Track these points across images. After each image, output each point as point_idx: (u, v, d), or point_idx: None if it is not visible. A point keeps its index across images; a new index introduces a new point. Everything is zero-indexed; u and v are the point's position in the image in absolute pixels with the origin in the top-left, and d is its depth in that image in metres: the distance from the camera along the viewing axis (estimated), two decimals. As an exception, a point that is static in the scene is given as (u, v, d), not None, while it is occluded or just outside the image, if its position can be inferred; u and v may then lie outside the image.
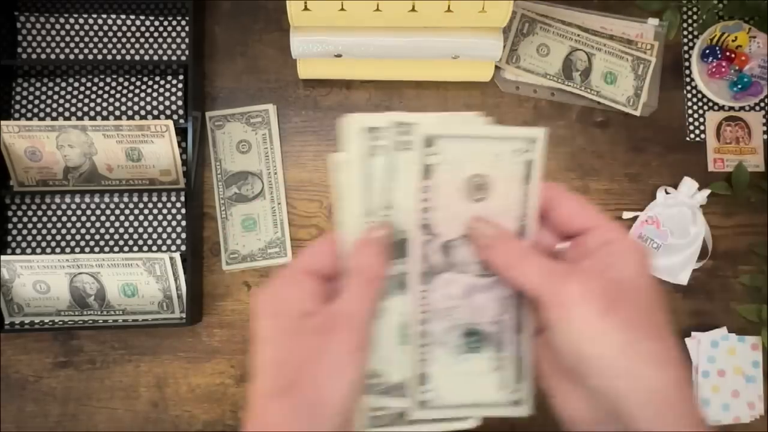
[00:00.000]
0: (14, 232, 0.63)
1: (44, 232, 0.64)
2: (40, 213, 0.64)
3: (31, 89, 0.64)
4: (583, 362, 0.26)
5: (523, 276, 0.28)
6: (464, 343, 0.30)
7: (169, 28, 0.66)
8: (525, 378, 0.31)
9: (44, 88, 0.63)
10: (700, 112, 0.70)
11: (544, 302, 0.27)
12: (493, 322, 0.30)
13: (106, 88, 0.64)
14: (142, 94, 0.63)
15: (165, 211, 0.65)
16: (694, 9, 0.70)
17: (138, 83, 0.64)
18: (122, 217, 0.64)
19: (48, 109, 0.63)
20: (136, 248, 0.64)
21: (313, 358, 0.26)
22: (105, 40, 0.65)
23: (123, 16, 0.65)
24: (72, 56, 0.65)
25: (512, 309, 0.30)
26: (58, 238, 0.64)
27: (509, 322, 0.30)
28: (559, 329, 0.26)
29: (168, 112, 0.63)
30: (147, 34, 0.66)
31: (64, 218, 0.64)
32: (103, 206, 0.64)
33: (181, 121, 0.63)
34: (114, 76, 0.64)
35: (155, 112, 0.63)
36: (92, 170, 0.62)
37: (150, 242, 0.64)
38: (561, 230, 0.30)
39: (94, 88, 0.64)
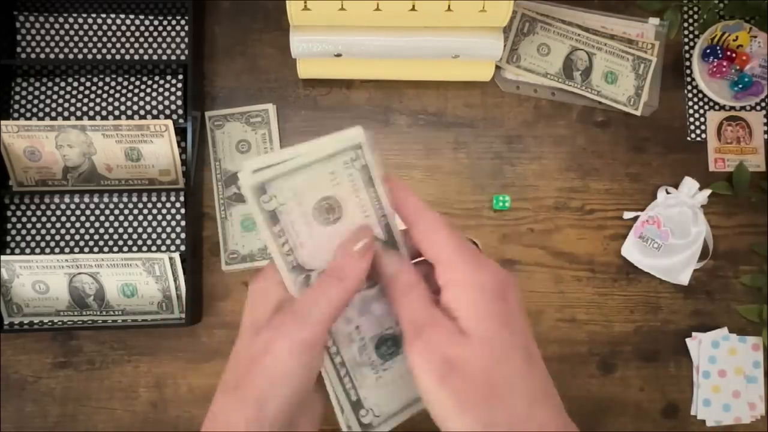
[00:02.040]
0: (13, 232, 0.63)
1: (43, 232, 0.64)
2: (39, 213, 0.64)
3: (31, 89, 0.63)
4: (440, 426, 0.26)
5: (400, 316, 0.28)
6: (381, 354, 0.30)
7: (169, 28, 0.66)
8: None
9: (43, 88, 0.63)
10: (701, 111, 0.69)
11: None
12: (398, 323, 0.30)
13: (106, 88, 0.63)
14: (142, 94, 0.63)
15: (164, 211, 0.65)
16: (695, 8, 0.70)
17: (137, 83, 0.64)
18: (121, 217, 0.64)
19: (47, 109, 0.63)
20: (135, 248, 0.64)
21: (261, 353, 0.26)
22: (104, 39, 0.65)
23: (122, 16, 0.65)
24: (71, 56, 0.65)
25: None
26: (57, 238, 0.64)
27: None
28: (416, 382, 0.27)
29: (167, 111, 0.63)
30: (146, 34, 0.66)
31: (63, 218, 0.64)
32: (102, 206, 0.64)
33: (181, 120, 0.63)
34: (113, 76, 0.64)
35: (155, 112, 0.63)
36: (91, 170, 0.62)
37: (149, 242, 0.64)
38: (416, 252, 0.30)
39: (94, 88, 0.63)
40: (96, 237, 0.64)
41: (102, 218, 0.64)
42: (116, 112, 0.62)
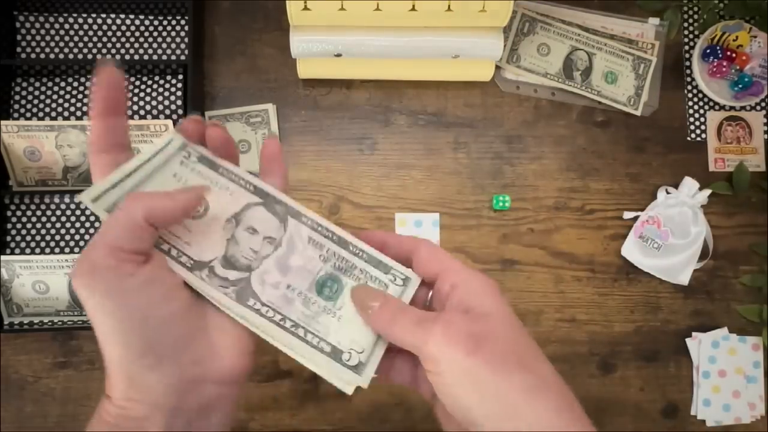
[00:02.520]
0: (13, 232, 0.63)
1: (43, 232, 0.63)
2: (39, 213, 0.64)
3: (31, 89, 0.63)
4: (469, 412, 0.26)
5: (399, 332, 0.28)
6: (327, 297, 0.30)
7: (169, 28, 0.66)
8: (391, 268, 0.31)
9: (43, 88, 0.63)
10: (701, 111, 0.69)
11: (419, 353, 0.27)
12: (324, 261, 0.31)
13: (106, 88, 0.63)
14: (142, 94, 0.63)
15: (164, 211, 0.64)
16: (695, 8, 0.70)
17: (137, 83, 0.64)
18: (122, 217, 0.64)
19: (47, 109, 0.63)
20: (135, 248, 0.64)
21: None
22: (104, 39, 0.65)
23: (122, 16, 0.65)
24: (71, 56, 0.65)
25: (324, 238, 0.31)
26: (57, 238, 0.64)
27: (335, 247, 0.31)
28: (435, 379, 0.27)
29: (167, 111, 0.63)
30: (147, 34, 0.66)
31: (63, 218, 0.64)
32: (102, 206, 0.64)
33: (181, 120, 0.63)
34: (113, 76, 0.64)
35: (155, 112, 0.63)
36: (91, 170, 0.62)
37: (149, 242, 0.64)
38: (423, 277, 0.32)
39: (94, 88, 0.63)
40: (96, 237, 0.64)
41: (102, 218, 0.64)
42: (116, 112, 0.62)
